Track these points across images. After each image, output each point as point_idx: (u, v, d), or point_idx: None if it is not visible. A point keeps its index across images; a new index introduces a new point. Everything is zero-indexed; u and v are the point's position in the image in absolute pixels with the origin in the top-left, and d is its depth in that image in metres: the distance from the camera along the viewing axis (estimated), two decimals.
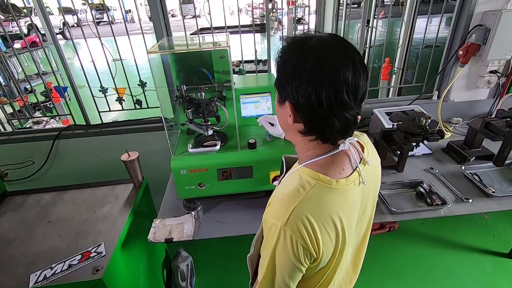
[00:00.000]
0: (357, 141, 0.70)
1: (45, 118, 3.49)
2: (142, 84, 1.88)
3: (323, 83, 0.55)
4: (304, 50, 0.58)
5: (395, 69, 2.66)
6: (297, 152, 0.73)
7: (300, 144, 0.69)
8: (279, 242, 0.60)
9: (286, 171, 0.77)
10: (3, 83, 3.48)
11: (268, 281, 0.66)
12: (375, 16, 2.47)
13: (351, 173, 0.66)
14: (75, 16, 1.66)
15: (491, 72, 1.88)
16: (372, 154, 0.74)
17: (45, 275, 1.12)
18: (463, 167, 1.51)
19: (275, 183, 0.76)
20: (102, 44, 1.75)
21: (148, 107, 1.96)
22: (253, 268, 0.86)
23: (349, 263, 0.81)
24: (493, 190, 1.34)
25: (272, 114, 1.41)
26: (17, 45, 5.12)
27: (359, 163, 0.68)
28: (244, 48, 1.90)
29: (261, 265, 0.68)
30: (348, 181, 0.64)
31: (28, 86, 3.53)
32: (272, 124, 1.26)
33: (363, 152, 0.71)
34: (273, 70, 1.91)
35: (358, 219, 0.71)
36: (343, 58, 0.56)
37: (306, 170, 0.65)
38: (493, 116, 1.98)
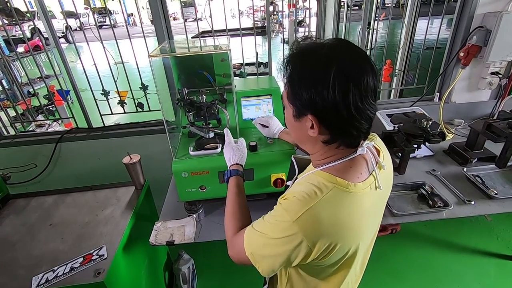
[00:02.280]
0: (373, 145, 0.70)
1: (48, 121, 3.50)
2: (144, 87, 1.89)
3: (349, 90, 0.55)
4: (321, 61, 0.57)
5: (396, 71, 2.66)
6: (314, 159, 0.72)
7: (319, 152, 0.69)
8: (284, 232, 0.61)
9: (299, 171, 0.77)
10: (7, 87, 3.51)
11: (254, 247, 0.69)
12: (376, 18, 2.48)
13: (368, 177, 0.66)
14: (77, 20, 1.67)
15: (493, 73, 1.88)
16: (387, 159, 0.74)
17: (47, 277, 1.12)
18: (465, 169, 1.51)
19: (288, 182, 0.76)
20: (104, 47, 1.76)
21: (149, 110, 1.97)
22: None
23: (359, 263, 0.81)
24: (496, 192, 1.34)
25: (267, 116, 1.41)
26: (21, 49, 5.17)
27: (375, 167, 0.68)
28: (245, 50, 1.90)
29: (254, 231, 0.70)
30: (365, 185, 0.64)
31: (31, 90, 3.55)
32: (264, 126, 1.27)
33: (378, 156, 0.71)
34: (275, 76, 1.92)
35: (371, 222, 0.71)
36: (362, 63, 0.57)
37: (324, 174, 0.65)
38: (495, 117, 1.97)
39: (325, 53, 0.58)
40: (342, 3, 3.41)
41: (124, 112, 1.98)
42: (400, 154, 1.53)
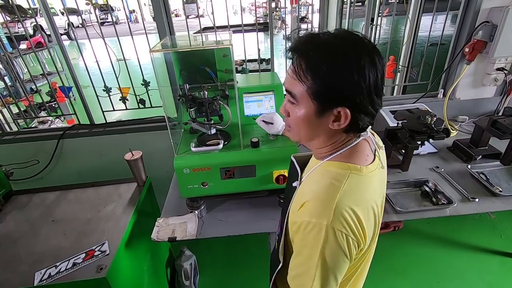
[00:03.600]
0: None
1: (50, 118, 3.52)
2: (146, 84, 1.89)
3: (378, 76, 0.56)
4: (349, 49, 0.55)
5: (400, 67, 2.63)
6: (321, 152, 0.69)
7: (333, 144, 0.66)
8: (327, 240, 0.56)
9: (301, 170, 0.75)
10: (9, 84, 3.52)
11: (318, 285, 0.60)
12: (379, 14, 2.45)
13: (374, 159, 0.67)
14: (79, 17, 1.67)
15: (498, 69, 1.85)
16: (379, 139, 0.76)
17: (50, 273, 1.13)
18: (469, 166, 1.49)
19: (294, 184, 0.73)
20: (106, 44, 1.75)
21: (151, 107, 1.97)
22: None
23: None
24: (500, 189, 1.32)
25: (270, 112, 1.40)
26: (23, 45, 5.17)
27: (377, 147, 0.69)
28: (247, 47, 1.89)
29: (295, 275, 0.63)
30: (374, 166, 0.65)
31: (33, 86, 3.56)
32: (267, 123, 1.25)
33: (374, 137, 0.72)
34: (278, 72, 1.90)
35: (381, 203, 0.71)
36: (369, 47, 0.57)
37: (333, 163, 0.64)
38: (500, 114, 1.95)
39: (344, 42, 0.56)
40: None
41: (126, 109, 1.97)
42: (403, 151, 1.52)
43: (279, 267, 0.78)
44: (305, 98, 0.59)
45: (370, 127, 0.69)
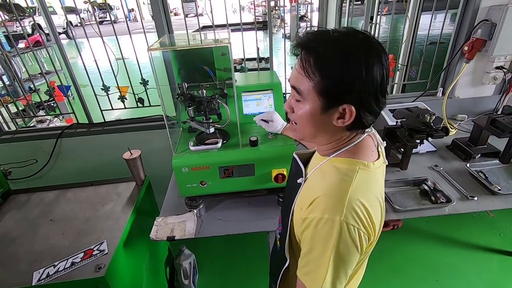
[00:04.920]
0: None
1: (49, 117, 3.51)
2: (144, 83, 1.88)
3: (384, 74, 0.57)
4: (357, 48, 0.55)
5: (399, 65, 2.63)
6: (325, 149, 0.69)
7: (337, 141, 0.66)
8: (341, 236, 0.57)
9: (305, 166, 0.76)
10: (7, 83, 3.51)
11: (330, 282, 0.59)
12: (379, 13, 2.45)
13: (378, 155, 0.68)
14: (78, 16, 1.66)
15: (497, 68, 1.85)
16: (379, 136, 0.77)
17: (48, 272, 1.12)
18: (468, 165, 1.49)
19: (299, 180, 0.73)
20: (104, 43, 1.75)
21: (150, 105, 1.96)
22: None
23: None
24: (499, 188, 1.32)
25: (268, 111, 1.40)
26: (21, 44, 5.16)
27: (380, 143, 0.71)
28: (246, 45, 1.89)
29: (308, 271, 0.63)
30: (379, 162, 0.67)
31: (31, 86, 3.55)
32: (266, 121, 1.26)
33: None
34: (277, 71, 1.90)
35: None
36: (378, 47, 0.57)
37: (341, 160, 0.65)
38: (499, 112, 1.95)
39: (353, 40, 0.56)
40: None
41: (125, 108, 1.97)
42: (402, 150, 1.52)
43: (286, 264, 0.78)
44: (311, 95, 0.59)
45: None
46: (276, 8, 9.16)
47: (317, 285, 0.60)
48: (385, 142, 0.76)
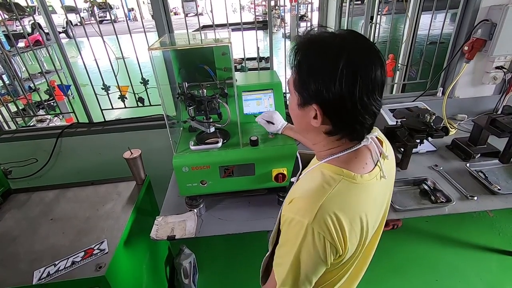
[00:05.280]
0: (376, 136, 0.70)
1: (49, 116, 3.51)
2: (144, 82, 1.88)
3: (357, 84, 0.54)
4: (332, 51, 0.55)
5: (399, 65, 2.63)
6: (316, 150, 0.71)
7: (321, 143, 0.68)
8: (305, 239, 0.58)
9: (303, 168, 0.76)
10: (7, 82, 3.51)
11: (291, 279, 0.63)
12: (379, 13, 2.45)
13: (373, 168, 0.66)
14: (78, 15, 1.66)
15: (497, 68, 1.85)
16: (389, 149, 0.75)
17: (49, 272, 1.12)
18: (468, 164, 1.50)
19: (292, 179, 0.76)
20: (104, 42, 1.75)
21: (150, 105, 1.96)
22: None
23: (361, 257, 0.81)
24: (499, 188, 1.32)
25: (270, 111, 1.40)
26: (21, 44, 5.15)
27: (379, 157, 0.68)
28: (246, 45, 1.89)
29: (279, 263, 0.66)
30: (371, 175, 0.64)
31: (31, 85, 3.55)
32: (267, 121, 1.26)
33: (381, 146, 0.71)
34: (277, 69, 1.90)
35: (377, 213, 0.71)
36: (373, 57, 0.56)
37: (329, 166, 0.64)
38: (499, 112, 1.95)
39: (337, 43, 0.56)
40: None
41: (125, 107, 1.97)
42: (402, 149, 1.52)
43: (267, 255, 0.82)
44: (292, 89, 0.63)
45: (376, 134, 0.68)
46: (276, 7, 9.15)
47: (279, 278, 0.64)
48: (391, 155, 0.74)
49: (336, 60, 0.54)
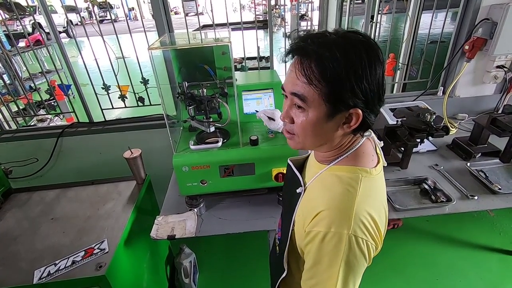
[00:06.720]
0: None
1: (49, 116, 3.51)
2: (145, 82, 1.88)
3: (383, 77, 0.56)
4: (347, 47, 0.53)
5: (400, 64, 2.62)
6: (326, 156, 0.67)
7: (341, 147, 0.64)
8: (349, 250, 0.55)
9: (300, 173, 0.73)
10: (8, 82, 3.51)
11: None
12: (379, 12, 2.45)
13: (379, 159, 0.67)
14: (78, 15, 1.66)
15: (498, 67, 1.85)
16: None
17: (49, 271, 1.13)
18: (468, 164, 1.49)
19: (299, 190, 0.71)
20: (104, 42, 1.75)
21: (150, 104, 1.96)
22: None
23: None
24: (499, 187, 1.32)
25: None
26: (22, 43, 5.16)
27: (378, 146, 0.70)
28: (246, 44, 1.89)
29: (314, 284, 0.61)
30: (380, 167, 0.65)
31: (32, 85, 3.55)
32: (270, 119, 1.25)
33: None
34: (277, 70, 1.90)
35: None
36: (377, 46, 0.57)
37: (342, 168, 0.63)
38: (499, 111, 1.95)
39: (341, 40, 0.54)
40: None
41: (125, 107, 1.97)
42: (402, 149, 1.52)
43: (284, 275, 0.76)
44: (316, 101, 0.56)
45: None
46: (277, 7, 9.14)
47: None
48: (382, 142, 0.75)
49: (369, 55, 0.53)
